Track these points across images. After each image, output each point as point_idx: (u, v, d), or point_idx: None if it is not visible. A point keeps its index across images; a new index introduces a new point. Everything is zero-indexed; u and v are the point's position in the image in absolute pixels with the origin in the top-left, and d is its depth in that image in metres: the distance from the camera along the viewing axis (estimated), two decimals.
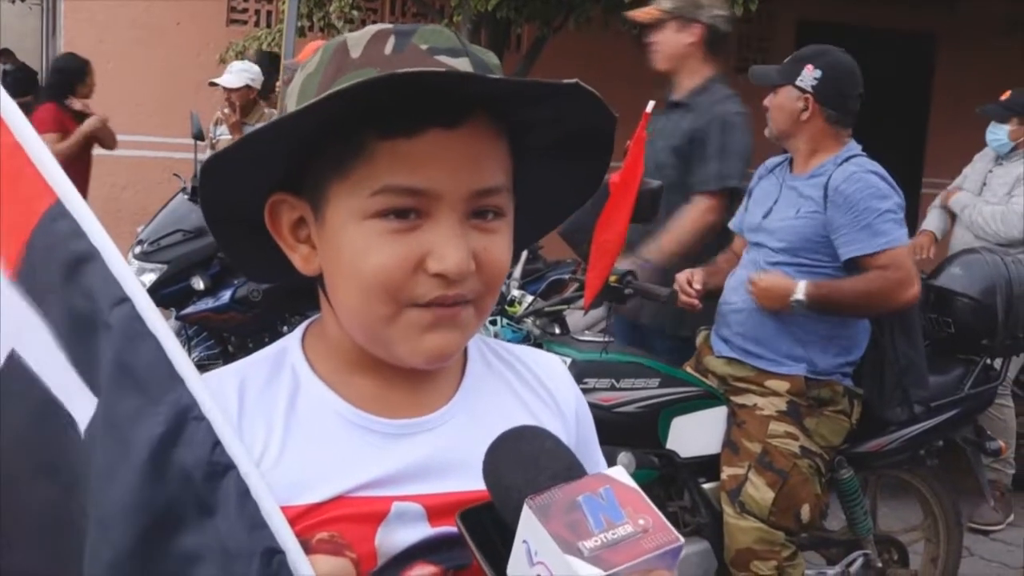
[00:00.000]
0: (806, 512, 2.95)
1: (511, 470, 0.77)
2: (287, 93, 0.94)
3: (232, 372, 0.95)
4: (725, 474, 2.99)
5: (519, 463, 0.77)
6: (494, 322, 3.13)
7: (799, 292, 2.88)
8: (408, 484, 0.90)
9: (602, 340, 3.01)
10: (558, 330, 3.19)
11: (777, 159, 3.24)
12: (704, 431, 3.04)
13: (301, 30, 6.78)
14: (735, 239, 3.33)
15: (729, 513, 2.96)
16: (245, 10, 9.05)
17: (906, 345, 3.06)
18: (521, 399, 1.01)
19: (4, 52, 14.94)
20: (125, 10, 8.48)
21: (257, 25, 8.80)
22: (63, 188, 0.86)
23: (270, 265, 0.98)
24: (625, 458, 2.89)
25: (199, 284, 4.83)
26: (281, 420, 0.91)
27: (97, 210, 0.87)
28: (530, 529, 0.71)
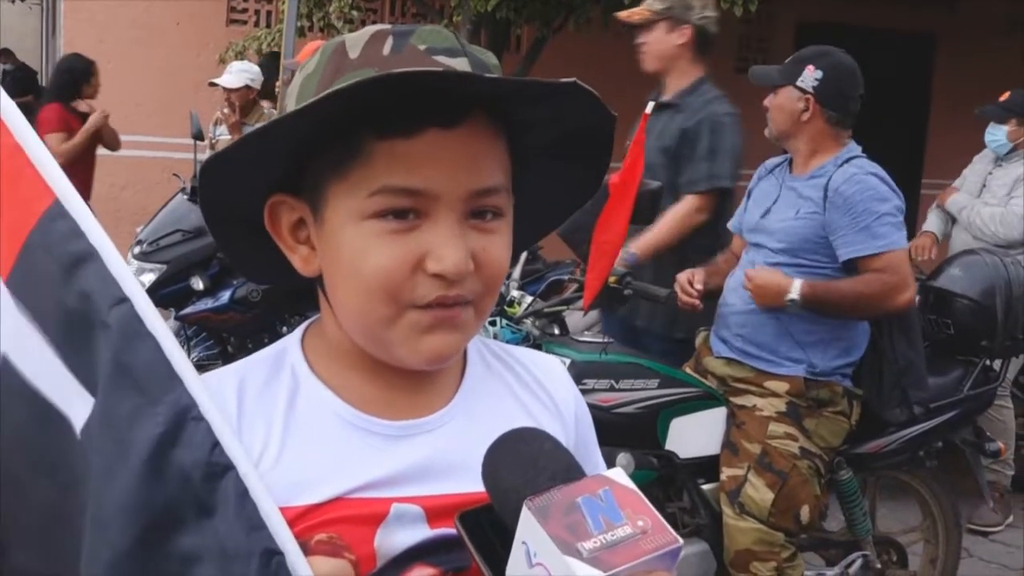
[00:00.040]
0: (805, 513, 2.95)
1: (510, 472, 0.77)
2: (286, 93, 0.94)
3: (231, 372, 0.95)
4: (724, 475, 2.99)
5: (518, 465, 0.77)
6: (493, 323, 3.13)
7: (794, 291, 2.88)
8: (407, 486, 0.90)
9: (601, 341, 3.01)
10: (557, 331, 3.19)
11: (777, 160, 3.23)
12: (703, 432, 3.04)
13: (301, 30, 6.78)
14: (734, 239, 3.33)
15: (728, 514, 2.96)
16: (245, 10, 9.05)
17: (905, 346, 3.06)
18: (520, 401, 1.01)
19: (4, 52, 14.94)
20: (125, 10, 8.48)
21: (257, 25, 8.80)
22: (62, 188, 0.86)
23: (269, 266, 0.98)
24: (624, 459, 2.89)
25: (198, 284, 4.83)
26: (280, 421, 0.91)
27: (96, 210, 0.87)
28: (529, 530, 0.71)
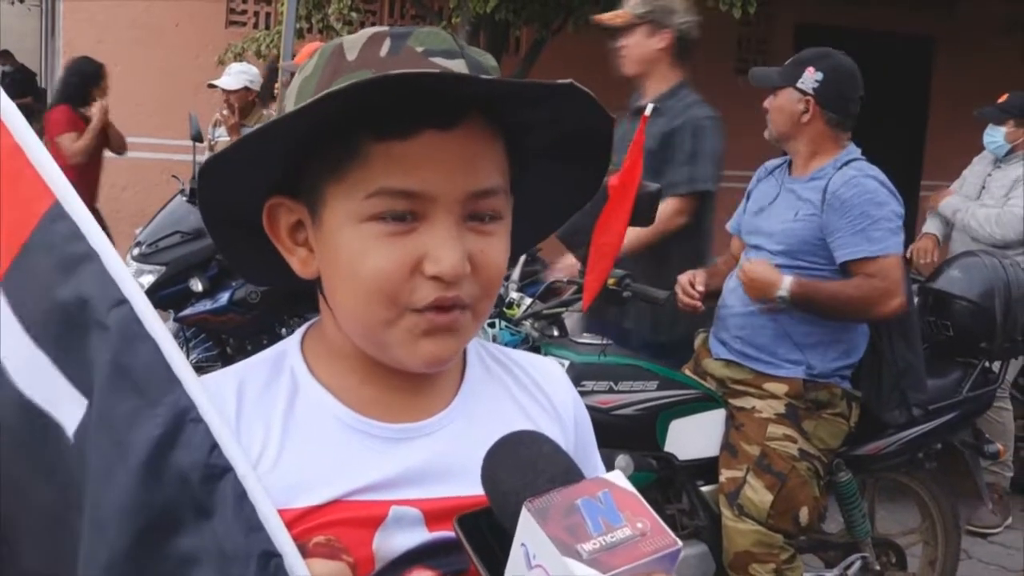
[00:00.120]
0: (804, 515, 2.95)
1: (509, 474, 0.77)
2: (285, 95, 0.94)
3: (231, 374, 0.95)
4: (723, 477, 2.99)
5: (517, 467, 0.77)
6: (492, 324, 3.13)
7: (783, 288, 2.88)
8: (406, 488, 0.90)
9: (600, 343, 3.01)
10: (556, 332, 3.18)
11: (776, 161, 3.24)
12: (702, 434, 3.04)
13: (300, 32, 6.77)
14: (733, 241, 3.33)
15: (727, 516, 2.96)
16: (244, 12, 9.05)
17: (904, 348, 3.06)
18: (519, 404, 1.01)
19: (3, 53, 14.96)
20: (124, 11, 8.48)
21: (256, 27, 8.80)
22: (62, 190, 0.86)
23: (268, 268, 0.98)
24: (623, 461, 2.89)
25: (197, 286, 4.82)
26: (279, 423, 0.91)
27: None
28: (528, 532, 0.71)
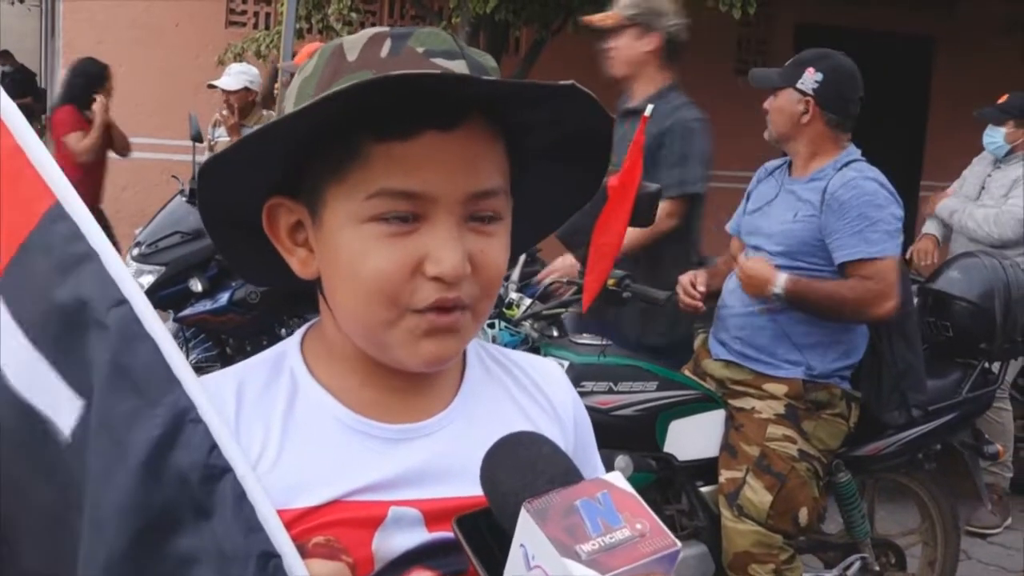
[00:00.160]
0: (804, 515, 2.95)
1: (508, 475, 0.77)
2: (284, 96, 0.94)
3: (230, 375, 0.95)
4: (723, 477, 2.99)
5: (516, 468, 0.77)
6: (492, 325, 3.13)
7: (778, 284, 2.89)
8: (406, 489, 0.90)
9: (600, 343, 3.01)
10: (556, 333, 3.18)
11: (776, 162, 3.24)
12: (702, 434, 3.04)
13: (299, 32, 6.77)
14: (733, 241, 3.33)
15: (727, 516, 2.96)
16: (244, 12, 9.05)
17: (904, 349, 3.06)
18: (519, 405, 1.01)
19: (3, 54, 14.96)
20: (124, 11, 8.48)
21: (256, 27, 8.79)
22: (62, 190, 0.85)
23: (268, 268, 0.98)
24: (622, 461, 2.89)
25: (197, 286, 4.82)
26: (279, 423, 0.91)
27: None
28: (527, 532, 0.71)
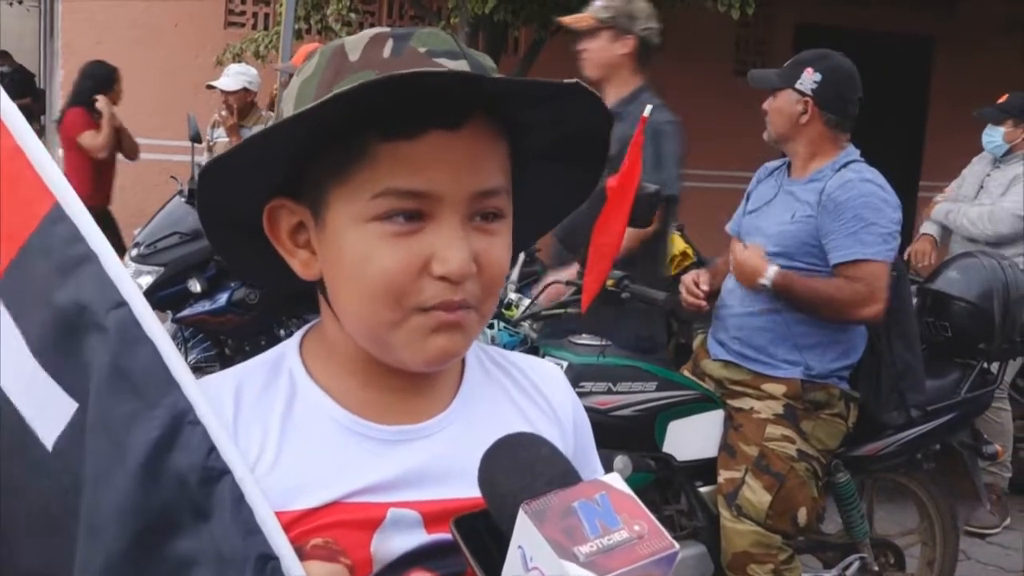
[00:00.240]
0: (803, 515, 2.95)
1: (507, 477, 0.76)
2: (283, 97, 0.94)
3: (229, 377, 0.95)
4: (722, 477, 2.99)
5: (515, 470, 0.77)
6: (491, 325, 3.13)
7: (767, 276, 2.89)
8: (404, 491, 0.90)
9: (599, 344, 3.01)
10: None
11: (776, 163, 3.24)
12: (701, 435, 3.04)
13: (298, 32, 6.76)
14: (732, 242, 3.33)
15: (726, 516, 2.96)
16: (243, 12, 9.04)
17: (903, 349, 3.06)
18: (518, 406, 1.01)
19: (2, 54, 14.96)
20: (123, 11, 8.47)
21: (255, 27, 8.78)
22: (62, 191, 0.85)
23: (268, 270, 0.98)
24: (621, 462, 2.89)
25: (196, 287, 4.82)
26: (277, 425, 0.91)
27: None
28: (525, 534, 0.71)
